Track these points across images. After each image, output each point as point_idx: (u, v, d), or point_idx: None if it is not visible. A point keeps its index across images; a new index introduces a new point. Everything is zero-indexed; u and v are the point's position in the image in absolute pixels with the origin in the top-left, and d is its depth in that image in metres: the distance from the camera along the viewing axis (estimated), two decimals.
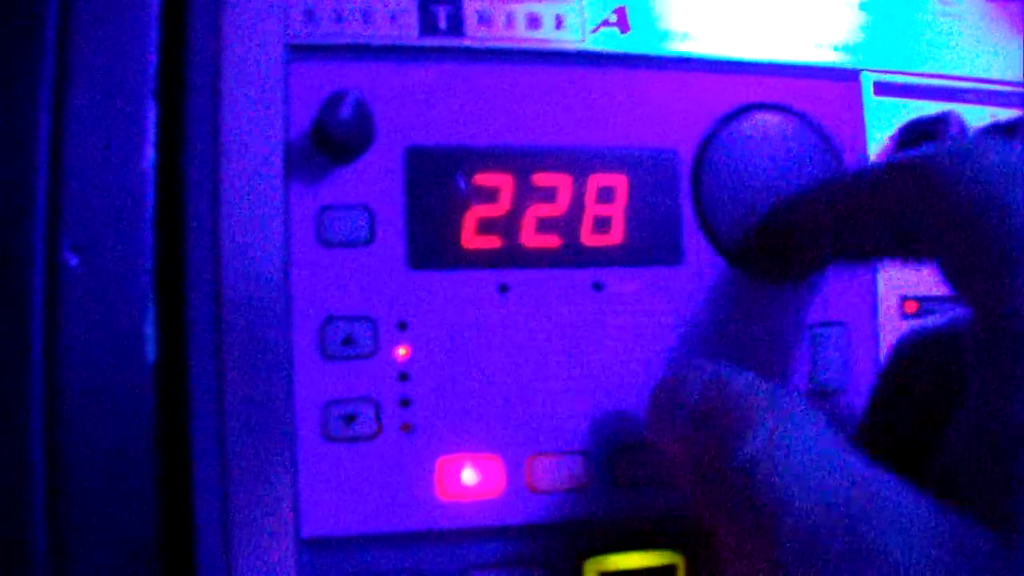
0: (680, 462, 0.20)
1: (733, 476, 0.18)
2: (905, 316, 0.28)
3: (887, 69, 0.29)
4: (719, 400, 0.20)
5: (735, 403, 0.19)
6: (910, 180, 0.20)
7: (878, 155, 0.29)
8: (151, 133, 0.24)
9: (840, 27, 0.29)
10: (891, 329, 0.28)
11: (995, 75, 0.30)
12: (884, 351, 0.28)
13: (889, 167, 0.21)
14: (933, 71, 0.29)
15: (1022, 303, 0.17)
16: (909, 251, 0.21)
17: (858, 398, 0.27)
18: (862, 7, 0.29)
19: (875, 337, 0.28)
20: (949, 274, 0.19)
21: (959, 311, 0.21)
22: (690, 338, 0.26)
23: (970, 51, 0.30)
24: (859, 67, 0.29)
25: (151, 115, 0.24)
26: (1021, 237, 0.17)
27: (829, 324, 0.27)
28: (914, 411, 0.23)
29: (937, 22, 0.30)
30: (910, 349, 0.24)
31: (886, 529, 0.16)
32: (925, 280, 0.28)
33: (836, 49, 0.28)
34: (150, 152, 0.24)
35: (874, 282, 0.28)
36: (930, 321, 0.24)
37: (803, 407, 0.19)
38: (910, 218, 0.20)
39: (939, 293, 0.28)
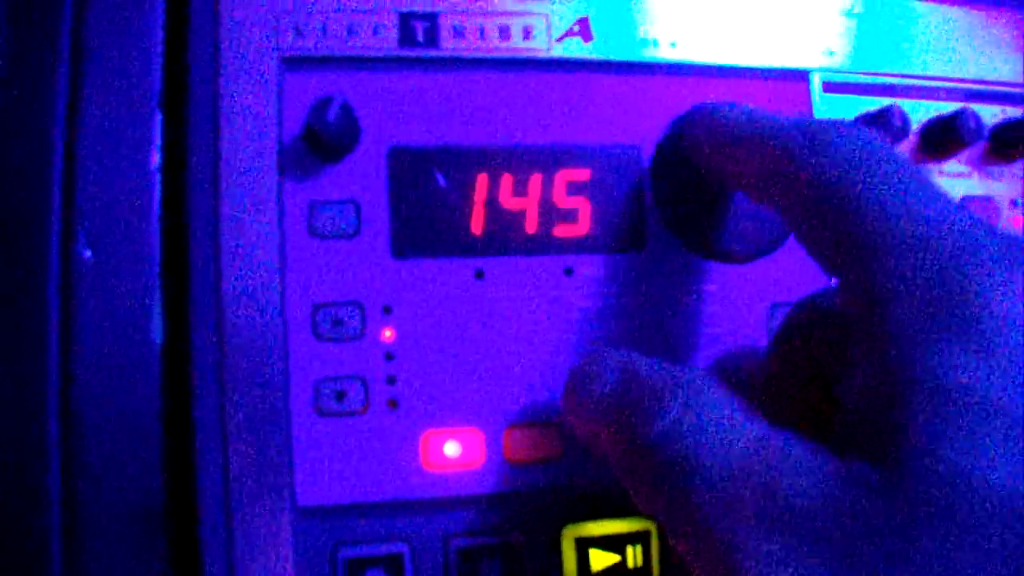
0: (601, 447, 0.22)
1: (650, 452, 0.19)
2: None
3: (835, 69, 0.31)
4: (629, 385, 0.21)
5: (644, 385, 0.21)
6: (769, 151, 0.22)
7: None
8: (157, 139, 0.27)
9: (790, 31, 0.31)
10: None
11: (935, 73, 0.32)
12: None
13: (758, 133, 0.22)
14: (878, 70, 0.32)
15: (881, 286, 0.18)
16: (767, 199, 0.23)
17: None
18: (811, 12, 0.31)
19: None
20: (805, 245, 0.21)
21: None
22: (653, 318, 0.28)
23: (912, 51, 0.32)
24: (808, 67, 0.31)
25: (157, 123, 0.27)
26: (870, 221, 0.19)
27: (787, 304, 0.29)
28: (807, 371, 0.25)
29: (882, 24, 0.32)
30: (798, 315, 0.26)
31: (789, 477, 0.17)
32: None
33: (787, 52, 0.31)
34: (156, 156, 0.26)
35: None
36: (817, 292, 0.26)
37: (706, 380, 0.21)
38: (767, 179, 0.22)
39: None
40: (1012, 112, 0.33)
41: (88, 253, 0.25)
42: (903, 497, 0.16)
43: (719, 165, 0.25)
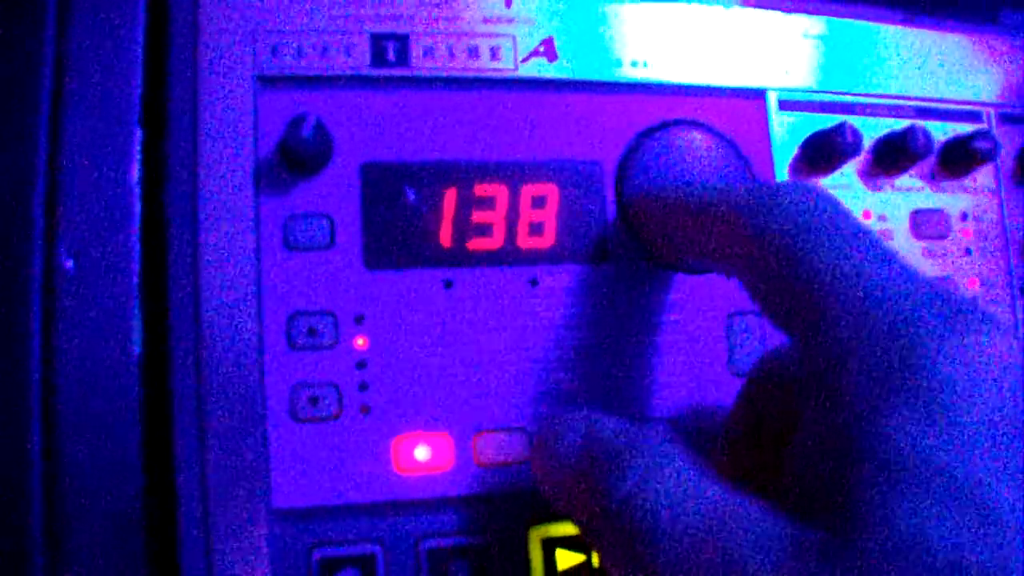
0: (568, 508, 0.23)
1: (613, 514, 0.20)
2: None
3: (791, 88, 0.33)
4: (592, 448, 0.22)
5: (607, 449, 0.21)
6: (721, 219, 0.22)
7: (788, 166, 0.32)
8: (137, 153, 0.28)
9: (750, 51, 0.32)
10: None
11: (888, 91, 0.34)
12: None
13: (709, 202, 0.23)
14: (833, 89, 0.33)
15: (831, 351, 0.19)
16: (723, 267, 0.24)
17: None
18: (770, 33, 0.33)
19: None
20: (759, 306, 0.22)
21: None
22: (616, 327, 0.30)
23: (866, 70, 0.34)
24: (765, 87, 0.32)
25: (137, 138, 0.28)
26: (821, 284, 0.19)
27: (744, 313, 0.31)
28: (767, 431, 0.26)
29: (838, 45, 0.34)
30: (758, 375, 0.27)
31: (744, 542, 0.18)
32: None
33: (745, 71, 0.32)
34: (136, 170, 0.27)
35: None
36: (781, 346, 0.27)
37: (669, 445, 0.21)
38: (722, 247, 0.23)
39: None
40: (962, 129, 0.35)
41: (70, 264, 0.26)
42: (853, 563, 0.16)
43: (670, 236, 0.25)
